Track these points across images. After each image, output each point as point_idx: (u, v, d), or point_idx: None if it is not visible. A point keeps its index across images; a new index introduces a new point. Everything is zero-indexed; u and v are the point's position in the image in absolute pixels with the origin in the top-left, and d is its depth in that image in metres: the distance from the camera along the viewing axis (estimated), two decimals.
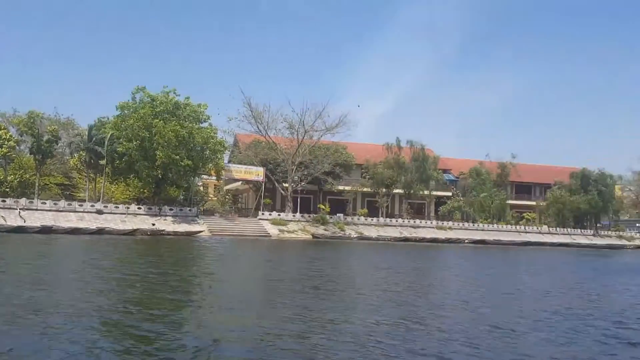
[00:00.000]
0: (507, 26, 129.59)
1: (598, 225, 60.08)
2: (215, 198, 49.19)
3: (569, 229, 55.32)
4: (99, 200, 36.36)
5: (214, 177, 43.36)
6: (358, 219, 44.64)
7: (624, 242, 55.52)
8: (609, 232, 58.47)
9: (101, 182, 38.39)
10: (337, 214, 43.96)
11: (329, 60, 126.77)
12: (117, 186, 40.37)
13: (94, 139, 36.41)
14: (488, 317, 8.80)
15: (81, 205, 35.05)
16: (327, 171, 43.77)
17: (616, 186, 63.21)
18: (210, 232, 35.09)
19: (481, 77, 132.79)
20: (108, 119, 38.58)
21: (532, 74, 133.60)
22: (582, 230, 56.58)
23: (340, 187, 47.25)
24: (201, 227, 35.91)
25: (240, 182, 47.54)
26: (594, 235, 56.25)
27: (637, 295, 13.67)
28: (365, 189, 48.82)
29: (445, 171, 56.74)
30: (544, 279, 17.49)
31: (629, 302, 11.71)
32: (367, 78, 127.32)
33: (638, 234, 60.84)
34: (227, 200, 48.59)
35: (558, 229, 54.78)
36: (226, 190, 51.28)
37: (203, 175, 42.12)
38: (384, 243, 38.98)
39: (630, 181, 73.58)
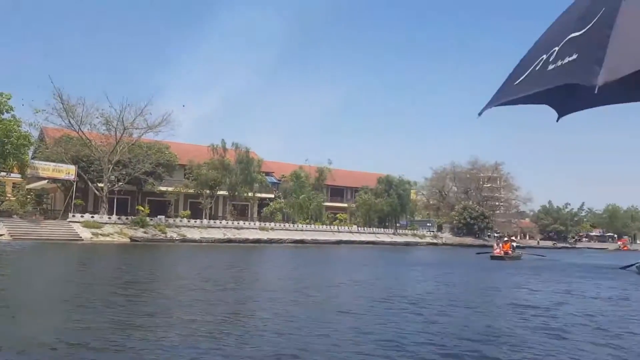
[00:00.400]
0: (328, 35, 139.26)
1: (397, 225, 68.22)
2: (14, 198, 43.32)
3: (374, 229, 61.81)
4: None
5: (17, 175, 38.28)
6: (180, 221, 43.67)
7: (417, 239, 63.90)
8: (406, 231, 66.76)
9: None
10: (159, 216, 42.37)
11: (152, 59, 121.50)
12: None
13: None
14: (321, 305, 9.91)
15: None
16: (148, 171, 41.92)
17: (412, 190, 72.59)
18: (11, 235, 30.93)
19: (303, 84, 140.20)
20: None
21: (350, 84, 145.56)
22: (385, 230, 63.66)
23: (162, 188, 45.64)
24: (2, 230, 31.52)
25: (46, 181, 42.77)
26: (394, 233, 63.67)
27: (428, 282, 16.43)
28: (189, 191, 48.01)
29: (268, 174, 58.64)
30: (339, 271, 19.71)
31: (425, 289, 14.16)
32: (191, 79, 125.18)
33: (428, 232, 70.69)
34: (29, 200, 43.19)
35: (365, 228, 60.82)
36: (27, 189, 45.56)
37: (2, 173, 36.84)
38: (208, 245, 38.89)
39: (422, 186, 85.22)
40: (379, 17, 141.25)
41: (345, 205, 66.51)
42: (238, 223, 48.10)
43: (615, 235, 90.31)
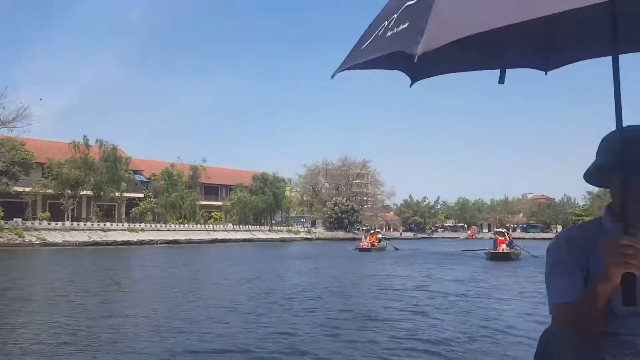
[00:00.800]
0: (199, 26, 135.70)
1: (272, 221, 69.41)
2: None
3: (250, 226, 62.26)
4: None
5: None
6: (40, 224, 40.12)
7: (292, 235, 65.66)
8: (281, 227, 68.27)
9: None
10: (14, 219, 38.48)
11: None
12: None
13: None
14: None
15: None
16: (2, 170, 37.88)
17: (287, 188, 74.33)
18: None
19: (172, 78, 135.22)
20: None
21: (221, 79, 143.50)
22: (260, 227, 64.44)
23: (18, 189, 41.40)
24: None
25: None
26: (269, 230, 64.77)
27: (303, 275, 17.47)
28: (48, 191, 44.15)
29: (136, 172, 56.01)
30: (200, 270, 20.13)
31: (303, 280, 15.13)
32: (46, 71, 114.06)
33: (303, 228, 72.93)
34: None
35: (241, 226, 61.00)
36: None
37: None
38: (72, 249, 36.30)
39: (296, 183, 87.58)
40: (252, 10, 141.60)
41: (220, 203, 66.02)
42: (104, 225, 45.40)
43: (466, 225, 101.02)
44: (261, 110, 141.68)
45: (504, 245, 27.42)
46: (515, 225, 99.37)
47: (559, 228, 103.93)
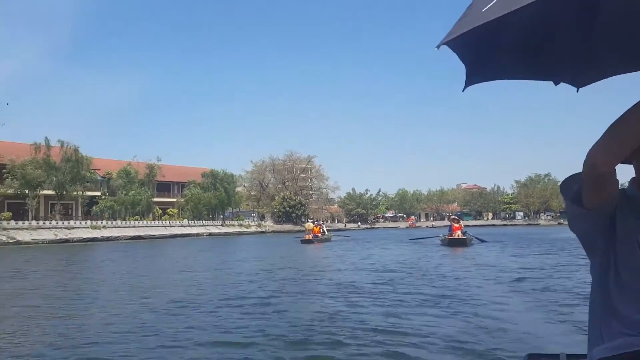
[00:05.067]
0: (131, 15, 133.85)
1: (224, 216, 72.18)
2: None
3: (203, 221, 64.88)
4: None
5: None
6: (8, 223, 41.42)
7: (244, 229, 68.76)
8: (233, 222, 71.20)
9: None
10: None
11: None
12: None
13: None
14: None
15: None
16: None
17: (237, 184, 77.27)
18: None
19: (103, 71, 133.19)
20: None
21: (158, 72, 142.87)
22: (213, 222, 67.16)
23: None
24: None
25: None
26: (222, 224, 67.57)
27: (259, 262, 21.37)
28: (9, 191, 45.26)
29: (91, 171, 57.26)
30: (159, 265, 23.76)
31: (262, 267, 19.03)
32: None
33: (253, 222, 76.20)
34: None
35: (196, 221, 63.56)
36: None
37: None
38: (44, 246, 38.06)
39: (244, 178, 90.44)
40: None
41: (173, 200, 68.11)
42: (68, 222, 47.03)
43: (405, 215, 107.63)
44: (205, 103, 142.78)
45: (459, 232, 27.77)
46: (450, 214, 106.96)
47: (490, 215, 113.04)
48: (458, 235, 27.42)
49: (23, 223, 42.73)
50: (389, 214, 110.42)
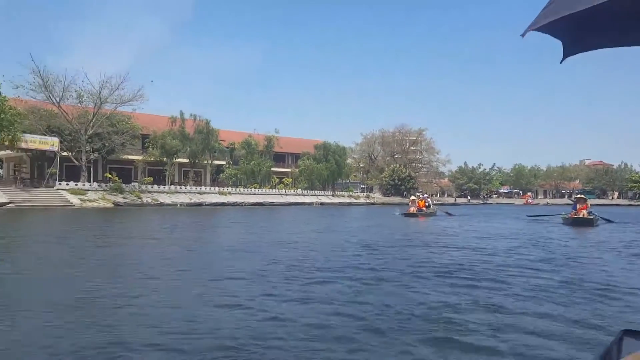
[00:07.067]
0: None
1: (335, 186, 74.83)
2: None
3: (315, 191, 68.00)
4: None
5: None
6: (152, 187, 47.20)
7: (352, 200, 70.90)
8: (343, 193, 73.67)
9: None
10: (132, 183, 45.67)
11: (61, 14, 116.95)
12: None
13: None
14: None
15: None
16: (120, 142, 45.01)
17: (348, 156, 79.35)
18: (13, 203, 33.50)
19: (225, 47, 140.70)
20: None
21: (278, 48, 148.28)
22: (324, 192, 70.07)
23: (132, 157, 48.75)
24: (3, 198, 33.92)
25: (9, 151, 44.16)
26: (332, 195, 70.25)
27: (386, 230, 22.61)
28: (151, 158, 51.15)
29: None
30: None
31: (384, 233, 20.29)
32: (99, 33, 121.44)
33: (362, 193, 78.11)
34: (17, 169, 44.96)
35: (308, 191, 66.84)
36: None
37: None
38: (184, 208, 42.71)
39: (353, 150, 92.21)
40: None
41: (288, 170, 71.85)
42: (199, 188, 52.23)
43: (521, 192, 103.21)
44: (321, 80, 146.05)
45: (584, 211, 25.84)
46: (573, 191, 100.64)
47: (616, 195, 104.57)
48: (583, 215, 25.39)
49: (163, 187, 48.29)
50: (503, 189, 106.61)
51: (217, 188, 54.30)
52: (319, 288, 7.36)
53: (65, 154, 42.84)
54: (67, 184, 40.66)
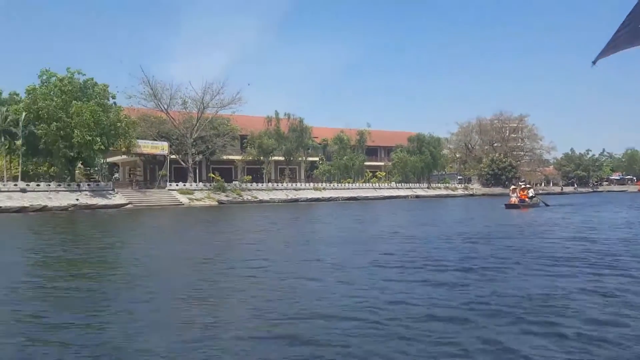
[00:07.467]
0: None
1: (430, 178, 73.61)
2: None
3: (410, 184, 67.38)
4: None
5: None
6: (251, 185, 49.95)
7: (449, 192, 69.29)
8: (439, 184, 72.26)
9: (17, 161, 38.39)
10: (233, 181, 48.71)
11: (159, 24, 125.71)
12: (34, 165, 40.55)
13: (8, 119, 36.11)
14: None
15: (5, 185, 35.02)
16: (222, 144, 48.25)
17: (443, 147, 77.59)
18: (131, 204, 37.47)
19: (314, 40, 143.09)
20: (19, 96, 38.48)
21: (367, 40, 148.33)
22: (420, 184, 69.21)
23: (231, 157, 52.00)
24: (122, 199, 37.96)
25: (125, 156, 48.86)
26: (428, 187, 69.20)
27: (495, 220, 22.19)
28: (247, 158, 53.96)
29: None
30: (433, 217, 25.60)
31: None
32: (194, 36, 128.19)
33: (459, 185, 76.11)
34: (132, 172, 50.41)
35: (403, 184, 66.45)
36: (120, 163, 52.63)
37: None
38: (281, 204, 44.55)
39: (449, 140, 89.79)
40: None
41: (381, 163, 71.86)
42: (295, 185, 54.23)
43: (635, 178, 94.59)
44: (407, 70, 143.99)
45: None
46: None
47: None
48: None
49: (261, 185, 50.84)
50: (615, 176, 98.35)
51: (311, 184, 55.92)
52: (443, 276, 8.05)
53: (173, 156, 46.78)
54: (177, 185, 44.41)
